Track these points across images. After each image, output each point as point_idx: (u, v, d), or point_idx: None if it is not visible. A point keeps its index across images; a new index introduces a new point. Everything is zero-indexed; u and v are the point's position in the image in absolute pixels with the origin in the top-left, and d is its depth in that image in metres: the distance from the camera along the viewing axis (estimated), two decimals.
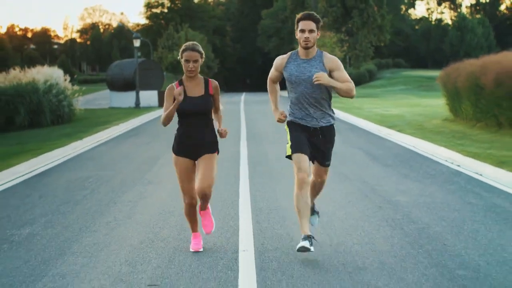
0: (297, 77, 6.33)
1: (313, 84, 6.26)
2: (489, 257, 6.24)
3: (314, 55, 6.37)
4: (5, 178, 12.21)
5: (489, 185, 10.30)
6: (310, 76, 6.27)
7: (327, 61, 6.33)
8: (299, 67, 6.36)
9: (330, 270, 5.78)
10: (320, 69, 6.28)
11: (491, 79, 17.04)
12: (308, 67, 6.32)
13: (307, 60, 6.35)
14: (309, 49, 6.31)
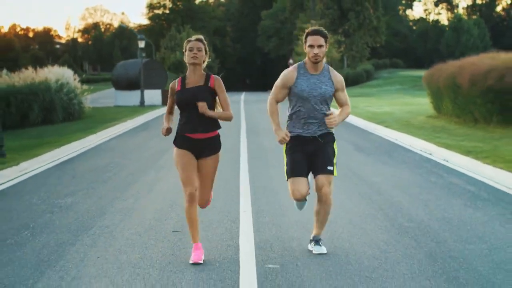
0: (309, 93, 6.33)
1: (322, 101, 6.35)
2: (432, 216, 8.12)
3: (322, 69, 6.41)
4: (35, 165, 14.03)
5: (452, 169, 12.19)
6: (321, 92, 6.32)
7: (334, 79, 6.41)
8: (310, 83, 6.35)
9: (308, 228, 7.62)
10: (329, 86, 6.35)
11: (467, 79, 18.93)
12: (318, 83, 6.34)
13: (316, 75, 6.38)
14: (318, 63, 6.36)
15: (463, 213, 8.28)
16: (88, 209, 8.86)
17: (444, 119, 22.06)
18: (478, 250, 6.57)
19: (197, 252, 6.24)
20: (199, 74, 6.34)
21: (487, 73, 18.11)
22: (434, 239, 7.02)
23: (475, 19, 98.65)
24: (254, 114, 29.71)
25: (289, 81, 6.40)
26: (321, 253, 6.44)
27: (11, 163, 14.04)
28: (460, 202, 9.00)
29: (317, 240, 6.57)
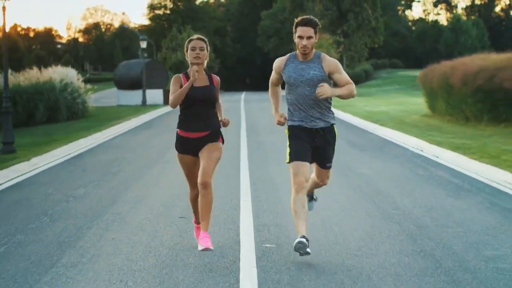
0: (296, 79, 6.38)
1: (312, 86, 6.34)
2: (416, 204, 8.87)
3: (312, 57, 6.41)
4: (46, 160, 14.78)
5: (440, 163, 12.94)
6: (308, 78, 6.35)
7: (326, 64, 6.39)
8: (297, 69, 6.40)
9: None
10: (318, 71, 6.35)
11: (458, 79, 19.70)
12: (306, 69, 6.37)
13: (305, 62, 6.41)
14: (307, 54, 6.39)
15: (445, 202, 9.03)
16: (100, 199, 9.62)
17: (437, 118, 22.82)
18: (454, 233, 7.31)
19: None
20: (202, 73, 6.47)
21: (477, 74, 18.89)
22: (416, 223, 7.76)
23: (473, 20, 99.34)
24: (255, 113, 30.44)
25: (279, 68, 6.54)
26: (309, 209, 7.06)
27: (23, 159, 14.80)
28: (444, 192, 9.75)
29: (310, 196, 7.11)
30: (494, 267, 5.99)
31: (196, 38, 6.45)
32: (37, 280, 5.79)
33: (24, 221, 8.23)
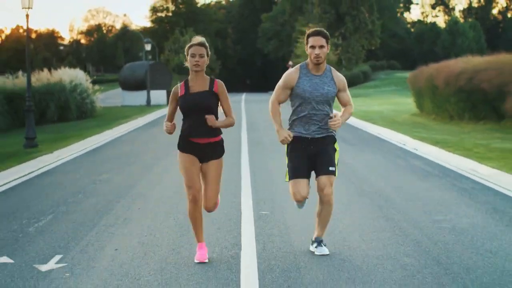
0: (311, 93, 6.34)
1: (324, 102, 6.37)
2: (388, 185, 10.59)
3: (324, 70, 6.42)
4: (67, 152, 16.48)
5: (418, 155, 14.66)
6: (323, 93, 6.34)
7: (336, 80, 6.43)
8: (312, 83, 6.37)
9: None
10: (331, 87, 6.37)
11: (442, 80, 21.42)
12: (320, 84, 6.36)
13: (318, 76, 6.40)
14: (320, 64, 6.38)
15: (413, 184, 10.76)
16: (122, 181, 11.35)
17: (424, 117, 24.56)
18: (415, 205, 9.01)
19: (201, 252, 6.38)
20: (202, 78, 6.35)
21: (459, 75, 20.64)
22: (385, 198, 9.48)
23: (470, 22, 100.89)
24: (255, 114, 32.13)
25: (291, 81, 6.42)
26: (323, 254, 6.51)
27: (46, 152, 16.53)
28: (414, 177, 11.47)
29: (319, 241, 6.63)
30: (438, 226, 7.71)
31: (197, 43, 6.27)
32: (85, 234, 7.51)
33: (63, 198, 9.96)
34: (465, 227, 7.63)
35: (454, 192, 9.95)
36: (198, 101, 6.24)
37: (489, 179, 11.03)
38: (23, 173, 12.75)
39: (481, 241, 7.00)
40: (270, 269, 6.11)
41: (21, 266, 6.22)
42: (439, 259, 6.32)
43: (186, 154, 6.39)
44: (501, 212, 8.49)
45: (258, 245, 6.98)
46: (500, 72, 18.82)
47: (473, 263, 6.14)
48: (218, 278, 5.84)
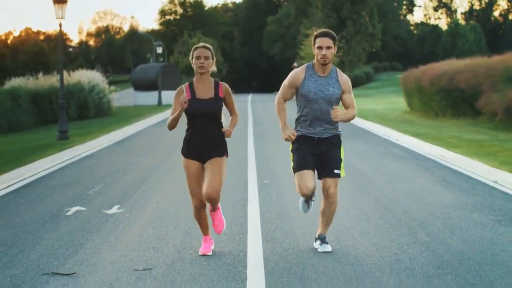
0: (315, 94, 6.39)
1: (329, 103, 6.38)
2: (367, 165, 13.15)
3: (330, 71, 6.46)
4: (97, 143, 19.04)
5: (397, 144, 17.21)
6: (328, 94, 6.37)
7: (342, 81, 6.46)
8: (317, 84, 6.41)
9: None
10: (336, 88, 6.40)
11: (427, 81, 23.96)
12: (325, 85, 6.40)
13: (324, 77, 6.43)
14: (327, 65, 6.42)
15: (388, 165, 13.31)
16: (150, 163, 13.95)
17: (413, 114, 27.12)
18: (385, 179, 11.53)
19: (206, 244, 6.61)
20: (208, 81, 6.40)
21: (441, 76, 23.20)
22: (362, 174, 12.02)
23: (471, 24, 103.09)
24: (260, 112, 34.71)
25: (297, 81, 6.47)
26: (326, 251, 6.60)
27: (78, 143, 19.14)
28: (390, 159, 14.03)
29: (322, 238, 6.69)
30: (397, 190, 10.26)
31: (201, 46, 6.39)
32: (133, 194, 10.09)
33: (106, 173, 12.57)
34: (416, 190, 10.20)
35: (418, 170, 12.49)
36: (205, 108, 6.28)
37: (450, 161, 13.56)
38: (66, 157, 15.37)
39: (424, 199, 9.54)
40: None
41: (93, 212, 8.81)
42: (390, 207, 8.87)
43: (190, 160, 6.45)
44: (449, 182, 11.03)
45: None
46: (475, 73, 21.36)
47: (416, 210, 8.67)
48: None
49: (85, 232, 7.67)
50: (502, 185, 10.49)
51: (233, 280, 5.72)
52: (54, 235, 7.53)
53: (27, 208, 9.22)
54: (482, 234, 7.29)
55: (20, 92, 30.45)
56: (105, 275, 5.92)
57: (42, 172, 13.00)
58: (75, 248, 6.93)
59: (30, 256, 6.63)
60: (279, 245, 7.00)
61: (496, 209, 8.66)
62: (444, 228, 7.64)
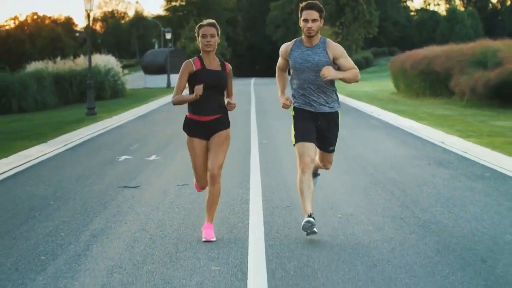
0: (301, 64, 6.46)
1: (316, 71, 6.38)
2: (348, 133, 16.33)
3: (317, 42, 6.47)
4: (121, 118, 22.21)
5: (377, 118, 20.38)
6: (313, 63, 6.41)
7: (330, 49, 6.45)
8: (303, 54, 6.47)
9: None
10: (323, 56, 6.42)
11: (409, 65, 27.13)
12: (311, 54, 6.44)
13: (310, 47, 6.47)
14: (312, 37, 6.43)
15: (363, 132, 16.49)
16: (171, 131, 17.11)
17: (399, 95, 30.30)
18: (358, 142, 14.70)
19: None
20: (214, 58, 6.54)
21: (421, 60, 26.36)
22: (343, 139, 15.18)
23: (468, 10, 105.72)
24: (262, 92, 37.87)
25: (285, 53, 6.64)
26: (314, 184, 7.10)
27: (105, 117, 22.33)
28: (366, 129, 17.21)
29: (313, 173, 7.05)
30: (366, 150, 13.45)
31: (206, 24, 6.49)
32: (163, 149, 13.28)
33: (137, 138, 15.78)
34: (381, 149, 13.34)
35: (386, 136, 15.67)
36: (216, 78, 6.41)
37: (414, 130, 16.72)
38: (100, 128, 18.62)
39: (384, 153, 12.74)
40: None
41: (137, 159, 12.07)
42: (359, 161, 12.07)
43: (193, 139, 6.54)
44: (407, 143, 14.23)
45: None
46: (448, 58, 24.52)
47: (376, 160, 11.86)
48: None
49: (136, 170, 10.91)
50: (445, 144, 13.66)
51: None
52: (114, 172, 10.79)
53: (87, 158, 12.47)
54: (416, 172, 10.47)
55: (44, 74, 33.64)
56: (158, 187, 9.19)
57: (85, 137, 16.23)
58: (132, 177, 10.17)
59: (104, 180, 9.92)
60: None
61: (431, 158, 11.87)
62: (391, 168, 10.83)
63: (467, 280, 5.17)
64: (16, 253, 6.09)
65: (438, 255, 5.82)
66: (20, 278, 5.35)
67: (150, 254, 5.95)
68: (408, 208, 7.77)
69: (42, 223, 7.24)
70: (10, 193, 9.09)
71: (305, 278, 5.29)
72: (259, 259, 5.79)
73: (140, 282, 5.18)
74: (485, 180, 9.50)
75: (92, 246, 6.27)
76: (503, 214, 7.38)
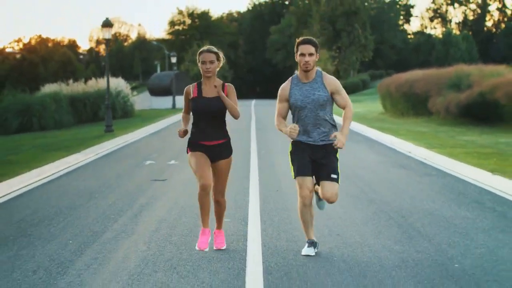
0: (302, 101, 6.56)
1: (317, 107, 6.56)
2: (346, 155, 19.23)
3: (314, 76, 6.63)
4: (136, 135, 25.12)
5: (361, 134, 23.28)
6: (314, 99, 6.55)
7: (327, 83, 6.63)
8: (302, 91, 6.59)
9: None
10: (322, 91, 6.58)
11: (394, 87, 30.12)
12: (311, 90, 6.59)
13: (308, 83, 6.61)
14: (309, 72, 6.58)
15: (349, 146, 19.37)
16: (182, 145, 20.01)
17: (386, 114, 33.26)
18: (345, 155, 17.59)
19: (203, 239, 6.73)
20: (214, 82, 6.71)
21: (403, 84, 29.35)
22: None
23: (463, 34, 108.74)
24: (262, 112, 40.83)
25: (285, 94, 6.69)
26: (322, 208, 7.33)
27: (121, 134, 25.24)
28: (351, 143, 20.10)
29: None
30: (350, 158, 16.36)
31: (206, 50, 6.69)
32: (181, 155, 16.16)
33: (157, 148, 18.68)
34: (360, 157, 16.23)
35: (368, 149, 18.50)
36: (210, 105, 6.59)
37: (391, 143, 19.61)
38: (120, 142, 21.54)
39: (361, 160, 15.62)
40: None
41: (160, 163, 14.99)
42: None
43: (196, 152, 6.74)
44: (381, 153, 17.12)
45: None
46: (427, 82, 27.53)
47: (351, 163, 14.74)
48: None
49: (160, 170, 13.83)
50: (411, 153, 16.58)
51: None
52: (144, 171, 13.72)
53: (118, 164, 15.40)
54: (380, 171, 13.36)
55: (60, 95, 36.62)
56: (179, 181, 12.11)
57: (110, 149, 19.16)
58: (159, 175, 13.09)
59: (138, 176, 12.85)
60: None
61: (395, 162, 14.80)
62: (362, 168, 13.74)
63: (389, 227, 8.05)
64: (92, 216, 9.00)
65: (376, 217, 8.70)
66: (101, 227, 8.28)
67: (181, 218, 8.83)
68: (364, 192, 10.67)
69: (102, 201, 10.17)
70: (69, 185, 12.03)
71: None
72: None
73: (177, 229, 8.07)
74: (430, 177, 12.42)
75: (141, 213, 9.16)
76: (431, 196, 10.27)
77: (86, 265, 6.53)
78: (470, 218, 8.55)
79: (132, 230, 8.06)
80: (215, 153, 6.70)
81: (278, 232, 7.82)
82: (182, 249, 7.07)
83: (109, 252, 7.02)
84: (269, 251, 6.93)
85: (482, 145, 17.99)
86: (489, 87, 22.56)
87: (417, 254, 6.76)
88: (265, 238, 7.53)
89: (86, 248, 7.18)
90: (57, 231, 8.06)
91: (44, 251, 7.08)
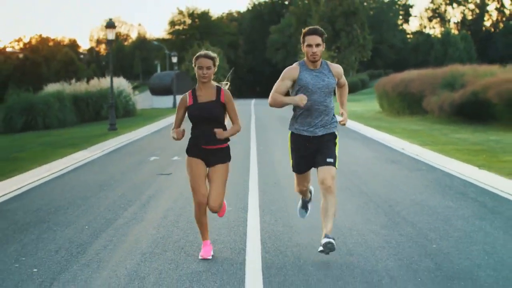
0: (314, 86, 6.55)
1: (326, 93, 6.59)
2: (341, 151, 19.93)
3: (320, 65, 6.67)
4: (139, 133, 25.83)
5: (358, 132, 24.00)
6: (324, 85, 6.57)
7: (334, 71, 6.73)
8: (312, 76, 6.57)
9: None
10: (331, 78, 6.65)
11: (390, 87, 30.83)
12: (321, 76, 6.60)
13: (317, 69, 6.62)
14: (316, 62, 6.61)
15: (346, 143, 20.10)
16: (184, 143, 20.75)
17: (383, 113, 33.97)
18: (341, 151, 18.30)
19: (206, 249, 6.78)
20: (210, 87, 6.65)
21: (399, 83, 30.05)
22: None
23: (462, 34, 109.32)
24: (261, 111, 41.51)
25: (293, 75, 6.62)
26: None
27: (125, 133, 25.95)
28: (348, 141, 20.84)
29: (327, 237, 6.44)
30: (345, 154, 17.05)
31: (204, 55, 6.57)
32: (183, 152, 16.89)
33: (160, 146, 19.39)
34: (355, 153, 16.93)
35: (364, 147, 19.21)
36: (206, 111, 6.53)
37: (385, 141, 20.32)
38: (124, 140, 22.25)
39: (356, 157, 16.32)
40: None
41: (164, 159, 15.70)
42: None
43: (193, 159, 6.70)
44: (376, 150, 17.81)
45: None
46: (422, 81, 28.25)
47: (345, 159, 15.46)
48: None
49: (165, 165, 14.55)
50: (404, 150, 17.29)
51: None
52: (149, 166, 14.44)
53: (124, 160, 16.12)
54: (373, 166, 14.07)
55: (64, 95, 37.31)
56: (184, 175, 12.79)
57: (115, 146, 19.87)
58: (163, 169, 13.81)
59: (144, 171, 13.57)
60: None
61: (388, 158, 15.52)
62: (361, 166, 14.45)
63: (377, 215, 8.78)
64: (103, 205, 9.74)
65: (366, 206, 9.43)
66: (113, 215, 9.02)
67: (186, 207, 9.56)
68: (356, 185, 11.40)
69: (111, 193, 10.91)
70: (78, 179, 12.77)
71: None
72: None
73: (183, 217, 8.81)
74: (420, 172, 13.14)
75: (149, 203, 9.90)
76: (419, 188, 10.99)
77: (102, 246, 7.28)
78: (452, 207, 9.28)
79: (141, 217, 8.80)
80: (214, 157, 6.67)
81: (275, 219, 8.57)
82: (188, 232, 7.83)
83: (122, 235, 7.77)
84: (266, 235, 7.69)
85: (473, 142, 18.70)
86: (481, 86, 23.27)
87: (400, 237, 7.50)
88: (263, 224, 8.29)
89: (101, 233, 7.92)
90: (73, 218, 8.81)
91: (63, 235, 7.83)
